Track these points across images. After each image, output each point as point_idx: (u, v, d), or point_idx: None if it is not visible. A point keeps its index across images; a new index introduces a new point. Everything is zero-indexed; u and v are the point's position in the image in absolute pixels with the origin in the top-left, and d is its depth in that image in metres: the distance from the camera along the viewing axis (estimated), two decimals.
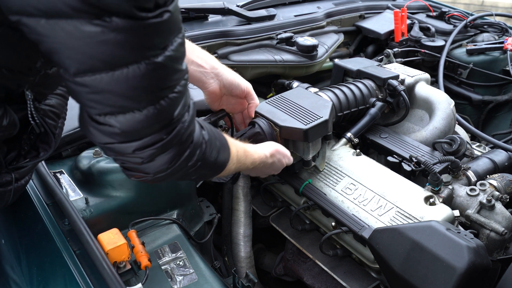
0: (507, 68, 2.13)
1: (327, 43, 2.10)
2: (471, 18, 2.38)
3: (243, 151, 1.08)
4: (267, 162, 1.18)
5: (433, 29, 2.32)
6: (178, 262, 1.17)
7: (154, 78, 0.71)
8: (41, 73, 0.88)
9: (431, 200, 1.22)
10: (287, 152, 1.25)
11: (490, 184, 1.32)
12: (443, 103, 1.57)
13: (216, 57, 1.86)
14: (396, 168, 1.39)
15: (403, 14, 2.23)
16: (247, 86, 1.31)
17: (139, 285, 1.02)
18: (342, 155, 1.42)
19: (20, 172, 0.98)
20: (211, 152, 0.92)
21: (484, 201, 1.24)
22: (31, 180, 1.20)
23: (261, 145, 1.20)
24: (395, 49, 2.11)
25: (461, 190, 1.30)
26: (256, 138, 1.28)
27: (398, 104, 1.60)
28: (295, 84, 1.71)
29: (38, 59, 0.85)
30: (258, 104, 1.35)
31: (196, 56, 1.23)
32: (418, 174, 1.36)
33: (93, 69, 0.67)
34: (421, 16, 2.50)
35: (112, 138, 0.76)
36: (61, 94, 1.02)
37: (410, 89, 1.64)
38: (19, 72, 0.84)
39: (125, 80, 0.69)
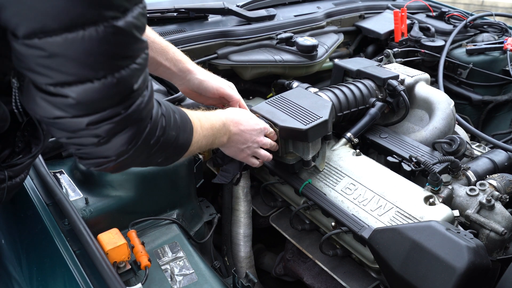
0: (507, 68, 2.13)
1: (327, 43, 2.10)
2: (471, 18, 2.38)
3: (204, 120, 1.05)
4: (234, 130, 1.16)
5: (433, 29, 2.32)
6: (178, 262, 1.17)
7: (114, 44, 0.66)
8: None
9: (431, 200, 1.22)
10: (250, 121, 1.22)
11: (490, 184, 1.33)
12: (443, 103, 1.57)
13: (216, 57, 1.87)
14: (396, 168, 1.39)
15: (403, 14, 2.23)
16: (217, 89, 1.31)
17: (139, 285, 1.02)
18: (342, 155, 1.42)
19: (14, 170, 0.95)
20: (171, 126, 0.88)
21: (484, 201, 1.24)
22: (31, 180, 1.20)
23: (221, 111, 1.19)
24: (395, 49, 2.11)
25: (460, 190, 1.30)
26: None
27: (398, 104, 1.60)
28: (295, 84, 1.71)
29: None
30: (237, 102, 1.34)
31: (166, 58, 1.24)
32: (418, 174, 1.36)
33: (45, 29, 0.61)
34: (421, 16, 2.50)
35: (64, 112, 0.69)
36: None
37: (410, 89, 1.64)
38: (0, 57, 0.78)
39: (82, 43, 0.63)
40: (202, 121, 1.05)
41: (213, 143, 1.13)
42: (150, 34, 1.21)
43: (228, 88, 1.34)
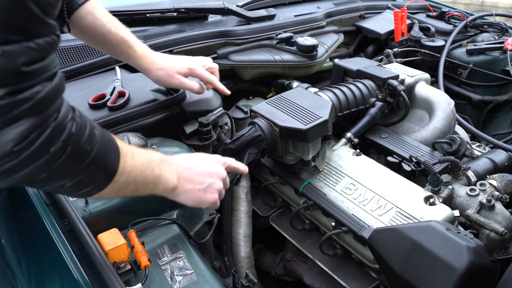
0: (507, 68, 2.13)
1: (327, 43, 2.10)
2: (471, 18, 2.38)
3: (148, 158, 0.90)
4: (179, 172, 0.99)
5: (433, 29, 2.32)
6: (178, 262, 1.17)
7: (6, 10, 0.57)
8: None
9: (431, 200, 1.22)
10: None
11: (490, 184, 1.33)
12: (443, 103, 1.57)
13: (216, 57, 1.87)
14: (396, 168, 1.39)
15: (403, 14, 2.23)
16: (177, 82, 1.31)
17: (139, 285, 1.02)
18: (342, 155, 1.42)
19: None
20: (85, 136, 0.72)
21: (484, 201, 1.24)
22: None
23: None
24: (395, 49, 2.11)
25: (461, 190, 1.30)
26: (257, 139, 1.28)
27: (398, 104, 1.60)
28: (295, 84, 1.71)
29: None
30: (208, 78, 1.36)
31: (121, 51, 1.26)
32: (418, 174, 1.36)
33: None
34: (421, 16, 2.50)
35: None
36: None
37: (410, 89, 1.64)
38: None
39: None
40: (135, 151, 0.89)
41: (157, 182, 0.95)
42: (108, 23, 1.22)
43: (195, 70, 1.33)
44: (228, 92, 1.35)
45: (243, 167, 1.16)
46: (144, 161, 0.89)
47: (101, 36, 1.22)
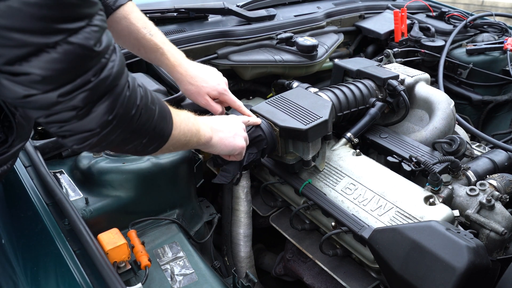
0: (507, 68, 2.13)
1: (327, 43, 2.10)
2: (471, 18, 2.38)
3: (185, 114, 1.02)
4: (218, 123, 1.13)
5: (433, 29, 2.32)
6: (178, 262, 1.17)
7: (56, 6, 0.62)
8: None
9: (431, 200, 1.22)
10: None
11: (490, 184, 1.33)
12: (443, 103, 1.57)
13: (216, 57, 1.87)
14: (396, 168, 1.39)
15: (403, 14, 2.23)
16: (212, 97, 1.32)
17: (139, 285, 1.02)
18: (342, 155, 1.42)
19: None
20: (151, 98, 0.84)
21: (484, 201, 1.24)
22: (31, 180, 1.20)
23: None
24: (395, 49, 2.11)
25: (461, 190, 1.30)
26: (257, 139, 1.28)
27: (398, 104, 1.60)
28: (295, 84, 1.71)
29: None
30: (237, 105, 1.35)
31: (154, 57, 1.27)
32: (418, 174, 1.36)
33: None
34: (421, 16, 2.50)
35: (33, 88, 0.66)
36: None
37: (410, 89, 1.64)
38: None
39: (20, 10, 0.59)
40: (182, 119, 0.99)
41: (197, 142, 1.07)
42: (143, 29, 1.22)
43: (223, 94, 1.33)
44: (258, 121, 1.30)
45: (255, 120, 1.28)
46: (184, 117, 1.00)
47: (135, 41, 1.23)
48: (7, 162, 0.98)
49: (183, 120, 0.98)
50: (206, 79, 1.33)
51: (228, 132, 1.16)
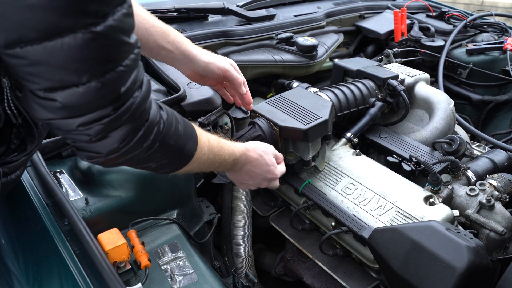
0: (507, 68, 2.13)
1: (327, 43, 2.10)
2: (471, 18, 2.38)
3: (216, 142, 1.04)
4: (248, 155, 1.15)
5: (433, 29, 2.32)
6: (178, 262, 1.17)
7: (95, 49, 0.67)
8: None
9: (431, 200, 1.22)
10: (277, 154, 1.23)
11: (490, 184, 1.33)
12: (443, 103, 1.57)
13: None
14: (396, 168, 1.39)
15: (403, 14, 2.23)
16: (223, 71, 1.28)
17: (139, 285, 1.02)
18: (342, 155, 1.42)
19: (10, 167, 0.95)
20: (170, 133, 0.87)
21: (484, 201, 1.24)
22: (31, 180, 1.20)
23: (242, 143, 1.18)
24: (395, 49, 2.11)
25: (460, 190, 1.30)
26: (257, 139, 1.28)
27: (398, 104, 1.60)
28: (295, 84, 1.71)
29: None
30: (240, 84, 1.32)
31: (167, 41, 1.22)
32: (418, 174, 1.36)
33: (24, 39, 0.62)
34: (421, 16, 2.50)
35: (54, 114, 0.72)
36: None
37: (410, 89, 1.64)
38: None
39: (61, 50, 0.64)
40: (213, 145, 1.02)
41: (217, 169, 1.13)
42: (150, 18, 1.20)
43: (232, 69, 1.31)
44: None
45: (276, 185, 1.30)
46: (216, 154, 1.04)
47: (144, 31, 1.20)
48: (20, 168, 1.00)
49: (210, 157, 1.02)
50: (217, 57, 1.33)
51: (244, 179, 1.22)
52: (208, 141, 1.01)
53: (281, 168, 1.26)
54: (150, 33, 1.22)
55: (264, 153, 1.19)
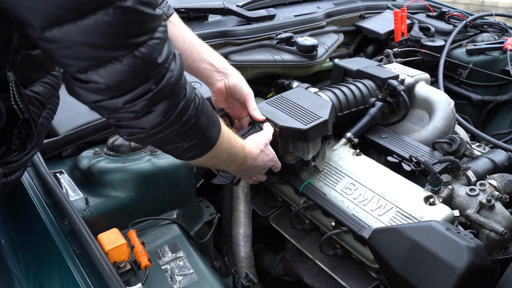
0: (507, 68, 2.13)
1: (327, 43, 2.10)
2: (471, 18, 2.38)
3: (232, 133, 1.07)
4: (255, 153, 1.18)
5: (433, 29, 2.32)
6: (178, 262, 1.17)
7: (126, 23, 0.69)
8: (21, 52, 0.85)
9: (431, 200, 1.22)
10: (273, 154, 1.26)
11: (490, 184, 1.33)
12: (443, 103, 1.57)
13: None
14: (396, 168, 1.39)
15: (403, 14, 2.23)
16: (248, 92, 1.31)
17: (139, 285, 1.02)
18: (342, 155, 1.42)
19: (10, 167, 0.95)
20: (204, 111, 0.90)
21: (484, 201, 1.24)
22: (31, 180, 1.20)
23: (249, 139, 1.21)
24: (395, 49, 2.11)
25: (461, 190, 1.30)
26: None
27: (398, 104, 1.60)
28: (295, 84, 1.71)
29: (12, 34, 0.81)
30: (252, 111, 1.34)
31: (208, 55, 1.27)
32: (418, 174, 1.36)
33: (60, 19, 0.65)
34: (421, 16, 2.50)
35: (100, 95, 0.74)
36: (49, 83, 0.98)
37: (410, 89, 1.64)
38: None
39: (95, 28, 0.66)
40: (230, 135, 1.05)
41: (228, 166, 1.13)
42: (193, 33, 1.26)
43: (251, 96, 1.33)
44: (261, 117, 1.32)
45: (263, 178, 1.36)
46: (232, 146, 1.06)
47: (189, 44, 1.26)
48: (20, 168, 1.00)
49: (229, 145, 1.04)
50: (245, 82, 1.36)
51: (246, 172, 1.24)
52: (227, 131, 1.03)
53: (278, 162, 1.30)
54: (195, 47, 1.27)
55: (265, 146, 1.22)
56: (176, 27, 1.25)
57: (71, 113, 1.38)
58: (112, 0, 0.66)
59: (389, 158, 1.42)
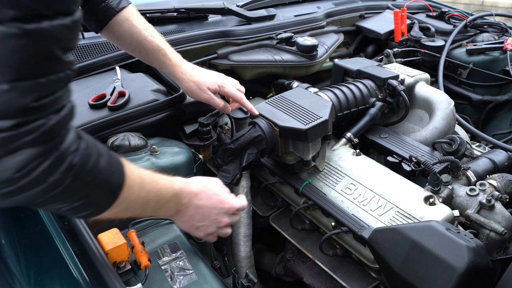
0: (507, 68, 2.13)
1: (327, 43, 2.10)
2: (471, 18, 2.38)
3: (150, 176, 0.91)
4: (191, 188, 1.01)
5: (433, 29, 2.32)
6: (178, 262, 1.17)
7: (18, 48, 0.58)
8: None
9: (431, 200, 1.22)
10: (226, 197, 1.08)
11: (490, 184, 1.33)
12: (443, 103, 1.57)
13: (216, 57, 1.87)
14: (396, 168, 1.39)
15: (403, 14, 2.23)
16: (213, 89, 1.33)
17: (139, 285, 1.02)
18: (342, 155, 1.42)
19: None
20: (87, 168, 0.71)
21: (484, 201, 1.24)
22: None
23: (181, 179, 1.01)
24: (395, 49, 2.11)
25: (461, 190, 1.30)
26: (257, 139, 1.28)
27: (398, 104, 1.60)
28: (295, 84, 1.71)
29: None
30: (239, 97, 1.37)
31: (155, 59, 1.28)
32: (418, 174, 1.36)
33: None
34: (421, 16, 2.50)
35: None
36: None
37: (410, 89, 1.64)
38: None
39: None
40: (146, 181, 0.88)
41: (156, 211, 0.97)
42: (145, 32, 1.24)
43: (227, 85, 1.34)
44: (256, 112, 1.31)
45: (243, 203, 1.15)
46: (151, 192, 0.90)
47: (136, 43, 1.24)
48: None
49: (142, 196, 0.87)
50: (206, 75, 1.36)
51: (197, 221, 1.05)
52: (140, 177, 0.86)
53: (238, 201, 1.12)
54: (142, 47, 1.26)
55: (208, 183, 1.07)
56: (125, 23, 1.22)
57: None
58: (13, 17, 0.56)
59: (389, 158, 1.42)
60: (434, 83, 2.13)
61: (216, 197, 1.06)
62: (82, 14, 0.81)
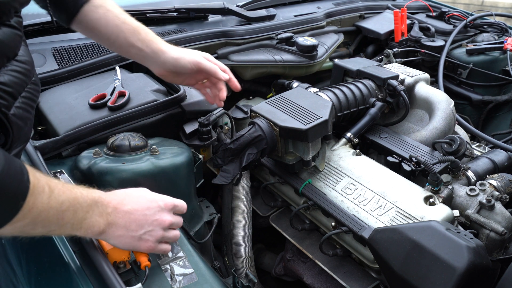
0: (507, 68, 2.13)
1: (327, 43, 2.10)
2: (471, 18, 2.38)
3: (61, 185, 0.83)
4: (114, 194, 0.93)
5: (433, 29, 2.32)
6: (178, 262, 1.17)
7: None
8: None
9: (431, 200, 1.22)
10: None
11: (490, 184, 1.33)
12: (443, 103, 1.57)
13: (215, 57, 1.87)
14: (396, 168, 1.39)
15: (403, 14, 2.23)
16: (194, 64, 1.25)
17: (139, 285, 1.02)
18: (342, 155, 1.42)
19: None
20: None
21: (484, 201, 1.24)
22: None
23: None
24: (395, 49, 2.11)
25: (461, 190, 1.30)
26: (257, 139, 1.28)
27: (398, 104, 1.60)
28: (295, 84, 1.71)
29: None
30: (215, 69, 1.31)
31: (137, 39, 1.20)
32: (418, 174, 1.36)
33: None
34: (421, 16, 2.50)
35: None
36: (18, 70, 0.86)
37: (410, 89, 1.64)
38: None
39: None
40: (57, 190, 0.79)
41: (78, 226, 0.87)
42: (121, 15, 1.19)
43: (204, 60, 1.28)
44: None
45: (182, 206, 1.05)
46: (65, 201, 0.81)
47: (114, 27, 1.17)
48: None
49: (54, 205, 0.79)
50: (188, 51, 1.32)
51: (133, 230, 0.95)
52: (49, 185, 0.78)
53: (170, 197, 1.02)
54: (121, 30, 1.20)
55: (130, 190, 0.99)
56: (99, 9, 1.16)
57: (71, 113, 1.38)
58: None
59: (389, 158, 1.42)
60: (434, 83, 2.13)
61: (144, 198, 0.98)
62: (50, 7, 0.76)
